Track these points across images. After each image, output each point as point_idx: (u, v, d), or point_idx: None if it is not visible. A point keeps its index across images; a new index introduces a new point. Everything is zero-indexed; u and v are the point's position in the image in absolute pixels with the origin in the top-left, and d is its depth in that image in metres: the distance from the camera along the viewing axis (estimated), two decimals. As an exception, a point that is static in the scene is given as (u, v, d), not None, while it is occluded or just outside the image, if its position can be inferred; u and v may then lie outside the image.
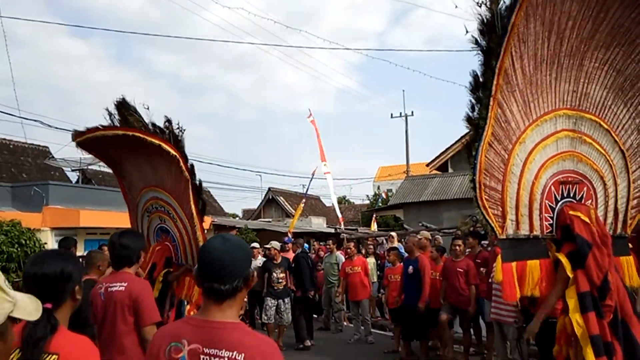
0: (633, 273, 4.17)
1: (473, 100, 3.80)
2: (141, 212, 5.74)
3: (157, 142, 4.76)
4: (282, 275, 8.59)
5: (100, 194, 15.73)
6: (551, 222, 3.98)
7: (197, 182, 5.05)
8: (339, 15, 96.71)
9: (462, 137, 21.74)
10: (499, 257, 3.75)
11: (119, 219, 13.35)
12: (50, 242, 12.54)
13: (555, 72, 3.94)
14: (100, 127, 4.92)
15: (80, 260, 4.88)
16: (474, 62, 3.69)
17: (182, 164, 4.78)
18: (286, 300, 8.56)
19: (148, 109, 4.99)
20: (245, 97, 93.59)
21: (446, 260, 7.47)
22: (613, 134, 4.19)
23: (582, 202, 4.08)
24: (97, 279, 4.06)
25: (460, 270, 6.97)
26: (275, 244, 8.97)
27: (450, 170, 22.71)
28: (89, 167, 17.74)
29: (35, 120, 16.44)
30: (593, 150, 4.14)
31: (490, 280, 6.42)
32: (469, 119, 3.83)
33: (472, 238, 7.69)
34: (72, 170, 19.38)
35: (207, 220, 17.75)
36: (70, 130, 5.41)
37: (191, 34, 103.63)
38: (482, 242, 7.90)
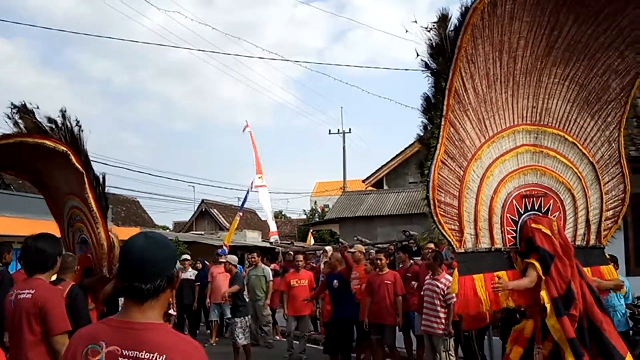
0: (615, 278, 4.39)
1: (425, 121, 3.81)
2: (66, 223, 5.46)
3: (39, 140, 4.49)
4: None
5: (18, 200, 14.65)
6: (514, 235, 4.01)
7: (97, 176, 4.85)
8: (278, 30, 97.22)
9: (397, 155, 22.39)
10: (456, 270, 3.76)
11: (38, 227, 12.44)
12: (-41, 250, 11.52)
13: (512, 89, 3.96)
14: None
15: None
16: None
17: (72, 157, 4.55)
18: (237, 319, 7.74)
19: (38, 108, 4.78)
20: (181, 106, 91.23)
21: (370, 275, 7.38)
22: (580, 147, 4.21)
23: (549, 214, 4.10)
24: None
25: (388, 282, 7.04)
26: (232, 258, 8.37)
27: (385, 187, 23.20)
28: (7, 171, 16.54)
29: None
30: (558, 163, 4.16)
31: (422, 293, 6.54)
32: (420, 140, 3.84)
33: (402, 253, 7.98)
34: (-12, 175, 17.98)
35: (135, 232, 17.02)
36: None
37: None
38: (414, 257, 8.14)
